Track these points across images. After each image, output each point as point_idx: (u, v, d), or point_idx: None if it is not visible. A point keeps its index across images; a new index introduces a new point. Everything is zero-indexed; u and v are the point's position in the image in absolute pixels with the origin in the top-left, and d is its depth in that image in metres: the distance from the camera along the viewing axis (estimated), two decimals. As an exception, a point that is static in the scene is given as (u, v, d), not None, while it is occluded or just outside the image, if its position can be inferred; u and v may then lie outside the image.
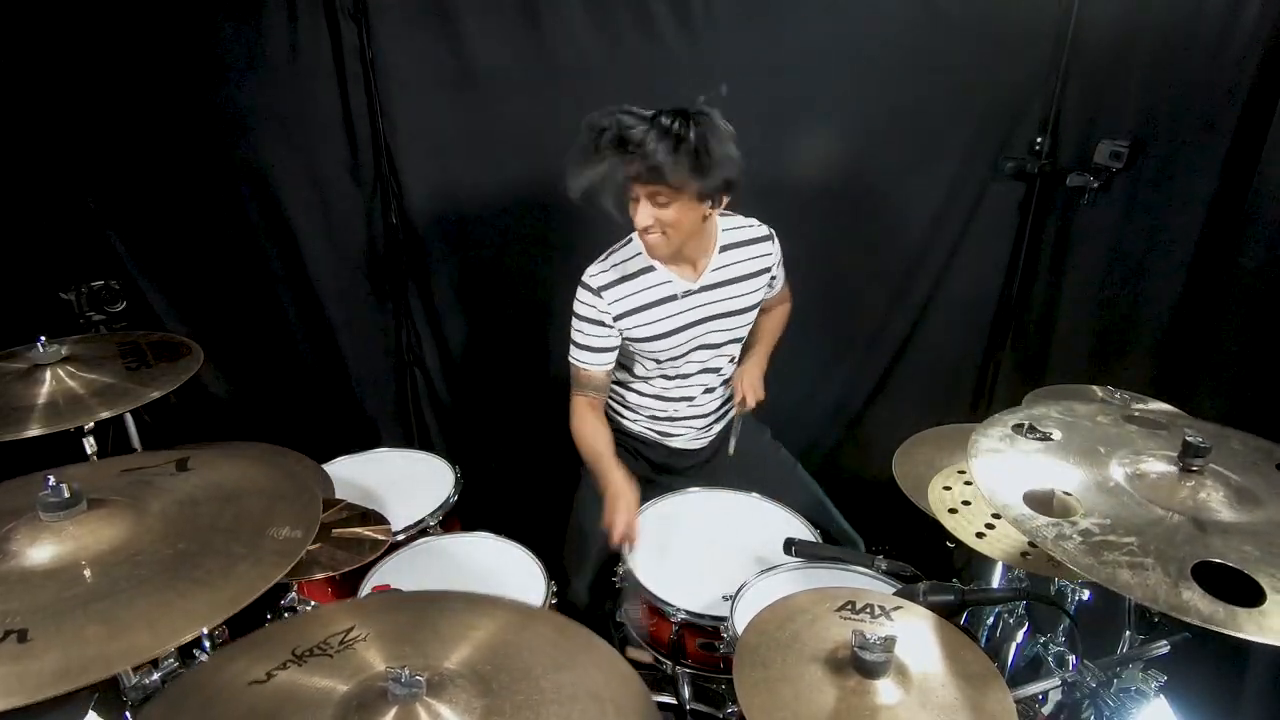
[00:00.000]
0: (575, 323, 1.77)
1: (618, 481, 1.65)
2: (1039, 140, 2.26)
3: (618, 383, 1.95)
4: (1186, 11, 1.81)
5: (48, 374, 1.52)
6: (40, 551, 0.98)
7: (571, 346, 1.79)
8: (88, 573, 0.96)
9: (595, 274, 1.74)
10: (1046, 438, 1.22)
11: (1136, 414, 1.31)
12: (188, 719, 0.88)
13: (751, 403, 1.88)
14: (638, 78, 2.13)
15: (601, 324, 1.74)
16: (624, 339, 1.78)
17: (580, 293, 1.75)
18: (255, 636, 1.00)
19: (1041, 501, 1.08)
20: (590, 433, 1.76)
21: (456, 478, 1.90)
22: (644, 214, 1.59)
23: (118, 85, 2.02)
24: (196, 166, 2.12)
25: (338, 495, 1.63)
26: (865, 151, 2.26)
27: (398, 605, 1.14)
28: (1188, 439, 1.10)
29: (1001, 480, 1.12)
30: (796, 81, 2.17)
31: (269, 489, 1.15)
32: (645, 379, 1.89)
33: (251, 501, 1.11)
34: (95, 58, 1.99)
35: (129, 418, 1.95)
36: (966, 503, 1.49)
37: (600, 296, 1.73)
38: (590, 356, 1.77)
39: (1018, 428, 1.24)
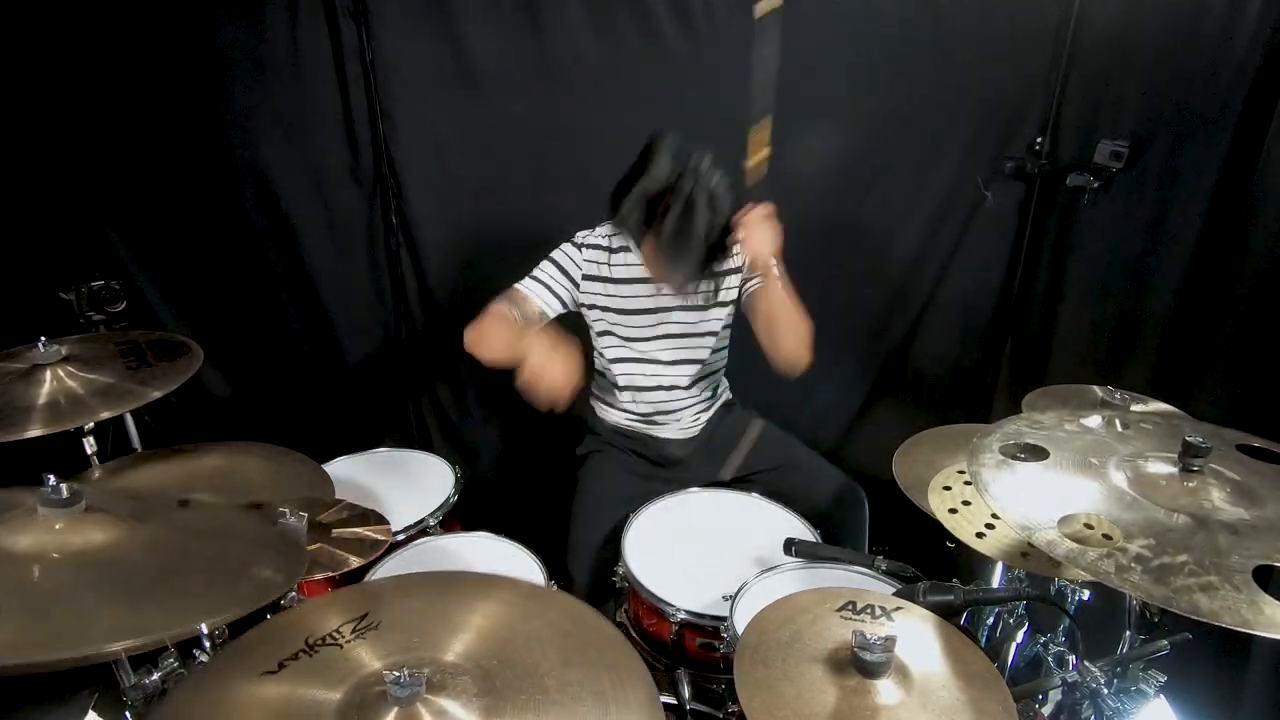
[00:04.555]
0: (544, 264, 1.84)
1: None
2: (1039, 140, 2.26)
3: (601, 381, 1.97)
4: (1186, 11, 1.81)
5: (47, 374, 1.52)
6: (22, 538, 1.00)
7: (526, 278, 1.83)
8: (58, 564, 0.97)
9: (585, 234, 1.86)
10: (1041, 453, 1.20)
11: (1082, 418, 1.30)
12: (200, 708, 0.89)
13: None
14: (638, 78, 2.13)
15: (568, 275, 1.83)
16: (581, 305, 1.86)
17: (563, 245, 1.85)
18: (272, 623, 1.00)
19: (1074, 528, 1.05)
20: (494, 322, 1.67)
21: (456, 478, 1.90)
22: None
23: (118, 85, 2.02)
24: (197, 166, 2.12)
25: (338, 495, 1.63)
26: (865, 151, 2.26)
27: (413, 588, 1.14)
28: (1188, 439, 1.10)
29: (1031, 509, 1.07)
30: (796, 82, 2.16)
31: (259, 539, 1.17)
32: (623, 368, 1.90)
33: (240, 545, 1.13)
34: (96, 58, 1.99)
35: (129, 418, 1.95)
36: (966, 503, 1.49)
37: (580, 250, 1.83)
38: (537, 289, 1.82)
39: (1006, 451, 1.21)
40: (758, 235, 1.59)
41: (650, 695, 0.93)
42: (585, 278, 1.83)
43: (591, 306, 1.86)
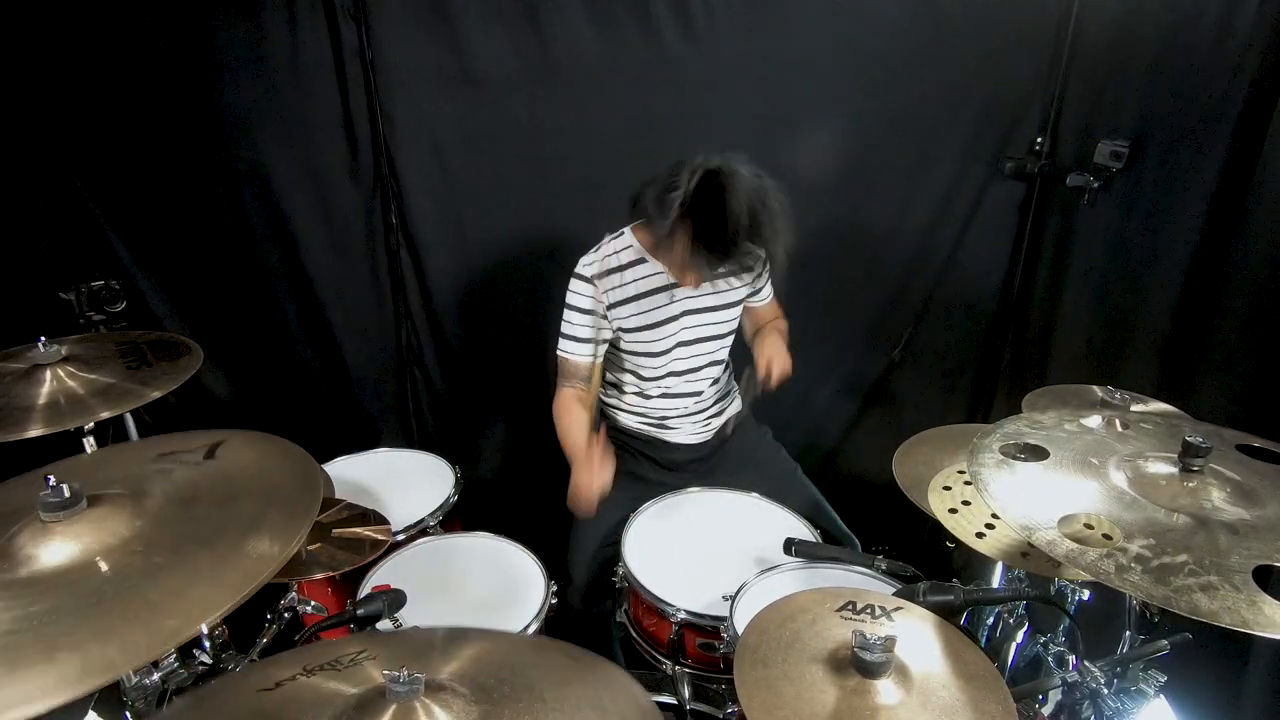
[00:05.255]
0: (567, 314, 1.79)
1: (592, 452, 1.64)
2: (1039, 140, 2.26)
3: (613, 384, 1.96)
4: (1186, 12, 1.81)
5: (47, 374, 1.52)
6: (29, 550, 0.98)
7: (561, 339, 1.80)
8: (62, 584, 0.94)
9: (589, 263, 1.77)
10: (1041, 453, 1.19)
11: (1082, 418, 1.30)
12: (198, 714, 0.89)
13: (776, 372, 1.79)
14: (638, 78, 2.13)
15: (594, 314, 1.77)
16: (616, 330, 1.80)
17: (573, 283, 1.77)
18: (270, 659, 1.00)
19: (1074, 528, 1.05)
20: (572, 423, 1.75)
21: (456, 478, 1.90)
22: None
23: (118, 85, 2.02)
24: (196, 167, 2.12)
25: (338, 495, 1.63)
26: (865, 151, 2.26)
27: (412, 637, 1.14)
28: (1188, 439, 1.10)
29: (1031, 509, 1.07)
30: (796, 81, 2.17)
31: (274, 488, 1.14)
32: (640, 376, 1.89)
33: (247, 504, 1.10)
34: (95, 58, 1.99)
35: (129, 418, 1.95)
36: (966, 503, 1.49)
37: (594, 285, 1.75)
38: (579, 347, 1.79)
39: (1006, 451, 1.21)
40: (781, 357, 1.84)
41: (651, 711, 0.93)
42: (610, 307, 1.77)
43: (618, 330, 1.81)
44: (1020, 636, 1.62)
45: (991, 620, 1.68)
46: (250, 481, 1.16)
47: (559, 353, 1.81)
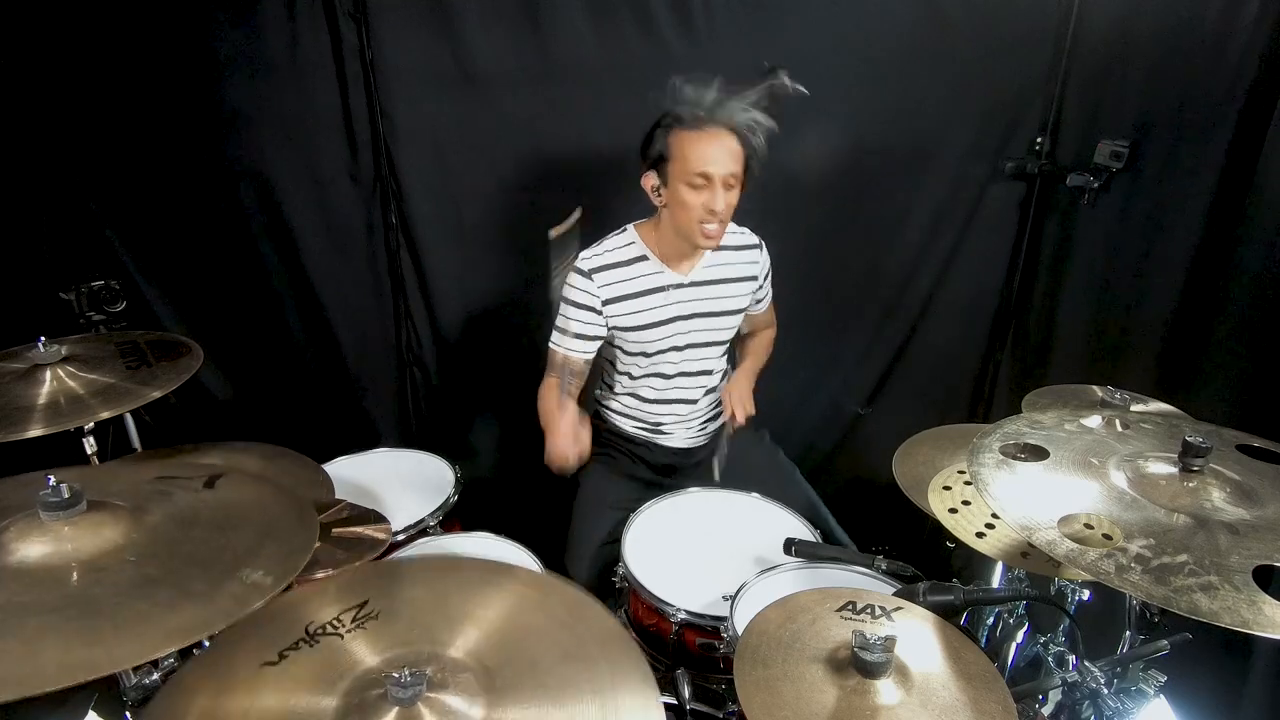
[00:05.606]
0: (563, 308, 1.79)
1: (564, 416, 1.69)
2: (1039, 140, 2.26)
3: (607, 386, 1.96)
4: (1186, 12, 1.81)
5: (47, 374, 1.52)
6: (22, 548, 0.98)
7: (554, 332, 1.81)
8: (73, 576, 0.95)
9: (588, 257, 1.78)
10: (1041, 453, 1.19)
11: (1082, 418, 1.30)
12: (203, 699, 0.89)
13: (741, 418, 1.86)
14: (637, 78, 2.12)
15: (590, 309, 1.77)
16: (610, 329, 1.80)
17: (571, 276, 1.78)
18: (272, 607, 0.99)
19: (1074, 528, 1.05)
20: (549, 398, 1.79)
21: (456, 478, 1.90)
22: (720, 199, 1.64)
23: (118, 85, 2.02)
24: (196, 167, 2.12)
25: (338, 495, 1.63)
26: (865, 151, 2.26)
27: (410, 575, 1.14)
28: (1188, 439, 1.10)
29: (1031, 509, 1.07)
30: (798, 81, 2.17)
31: (271, 522, 1.14)
32: (633, 377, 1.89)
33: (244, 534, 1.10)
34: (95, 58, 1.99)
35: (129, 418, 1.95)
36: (966, 503, 1.49)
37: (591, 279, 1.76)
38: (571, 343, 1.79)
39: (1006, 451, 1.21)
40: (742, 402, 1.85)
41: (650, 689, 0.93)
42: (606, 303, 1.78)
43: (613, 329, 1.82)
44: (1020, 636, 1.62)
45: (991, 620, 1.68)
46: (249, 511, 1.16)
47: (551, 345, 1.83)
